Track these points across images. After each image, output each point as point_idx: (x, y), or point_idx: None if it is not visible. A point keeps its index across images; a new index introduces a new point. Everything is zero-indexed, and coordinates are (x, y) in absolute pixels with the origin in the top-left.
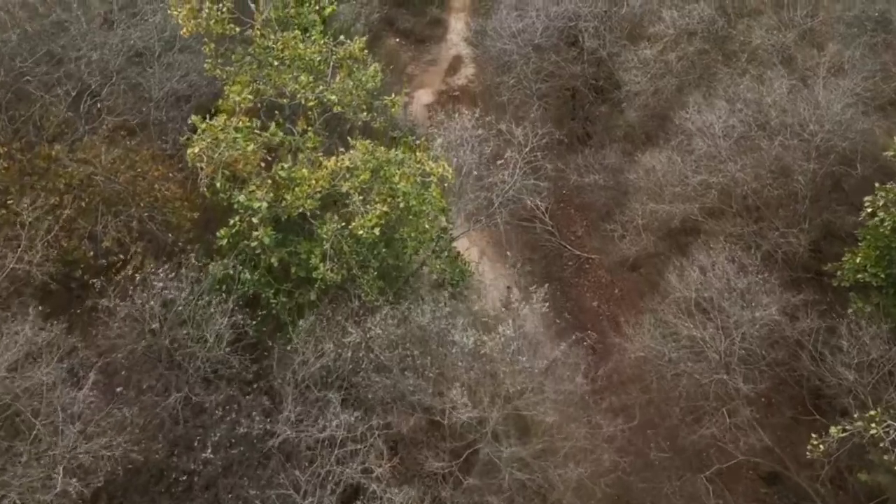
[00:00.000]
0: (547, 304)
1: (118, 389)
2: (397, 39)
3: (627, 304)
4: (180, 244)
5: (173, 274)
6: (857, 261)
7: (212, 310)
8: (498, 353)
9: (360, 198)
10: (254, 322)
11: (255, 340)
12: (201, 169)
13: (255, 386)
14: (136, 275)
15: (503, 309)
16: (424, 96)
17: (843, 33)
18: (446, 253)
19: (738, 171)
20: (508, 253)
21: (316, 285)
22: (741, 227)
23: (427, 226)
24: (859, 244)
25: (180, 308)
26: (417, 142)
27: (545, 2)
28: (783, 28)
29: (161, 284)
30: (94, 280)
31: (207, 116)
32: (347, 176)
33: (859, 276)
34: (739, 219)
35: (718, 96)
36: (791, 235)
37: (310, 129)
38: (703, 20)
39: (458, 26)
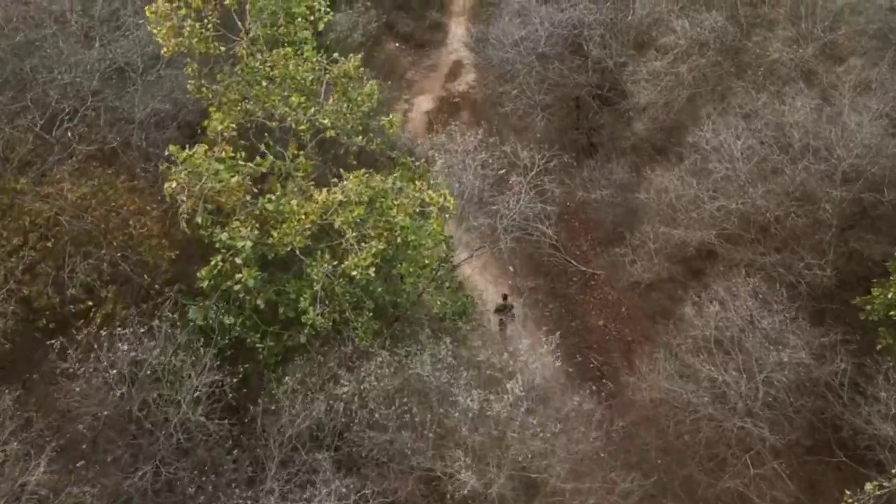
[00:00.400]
0: (559, 353)
1: (79, 464)
2: (397, 44)
3: (636, 325)
4: (157, 286)
5: (144, 329)
6: (889, 296)
7: (185, 373)
8: (506, 414)
9: (354, 234)
10: (235, 380)
11: (236, 398)
12: (182, 202)
13: (235, 451)
14: (102, 331)
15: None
16: (424, 103)
17: (867, 47)
18: (447, 284)
19: (760, 197)
20: (511, 267)
21: (306, 330)
22: (763, 255)
23: (426, 260)
24: (891, 278)
25: (149, 372)
26: (417, 163)
27: (549, 9)
28: (802, 41)
29: (126, 347)
30: (54, 340)
31: (196, 132)
32: (340, 210)
33: (892, 312)
34: (760, 247)
35: (734, 113)
36: (816, 266)
37: (301, 153)
38: (716, 30)
39: (458, 31)
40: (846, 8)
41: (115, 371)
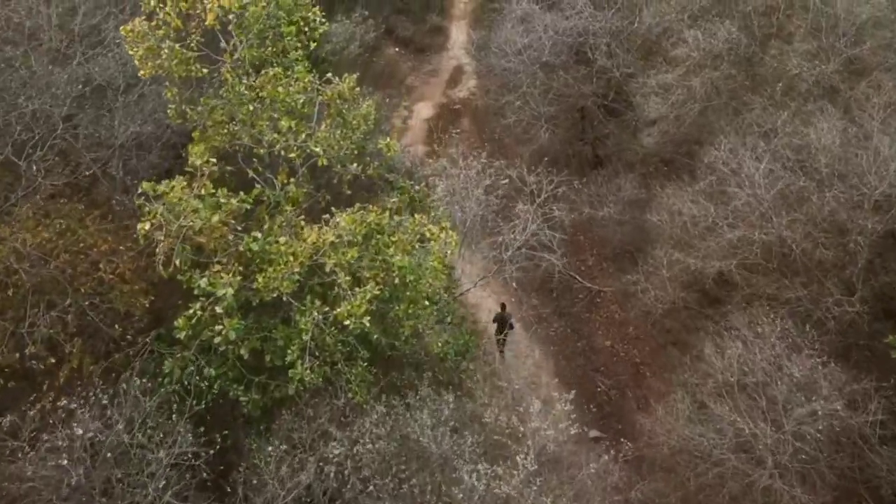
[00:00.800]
0: (574, 415)
1: None
2: (396, 49)
3: (644, 346)
4: (129, 336)
5: (107, 397)
6: None
7: (150, 455)
8: (516, 493)
9: (348, 278)
10: (212, 451)
11: (212, 474)
12: (159, 241)
13: None
14: (58, 403)
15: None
16: (424, 109)
17: (892, 62)
18: (449, 319)
19: (785, 227)
20: (514, 284)
21: (296, 384)
22: (789, 290)
23: (426, 301)
24: None
25: (109, 454)
26: (416, 187)
27: (553, 16)
28: (823, 55)
29: (81, 432)
30: (2, 419)
31: (181, 155)
32: (332, 252)
33: None
34: (785, 279)
35: (752, 132)
36: (847, 303)
37: (292, 181)
38: (730, 41)
39: (459, 36)
40: (870, 21)
41: (67, 460)
